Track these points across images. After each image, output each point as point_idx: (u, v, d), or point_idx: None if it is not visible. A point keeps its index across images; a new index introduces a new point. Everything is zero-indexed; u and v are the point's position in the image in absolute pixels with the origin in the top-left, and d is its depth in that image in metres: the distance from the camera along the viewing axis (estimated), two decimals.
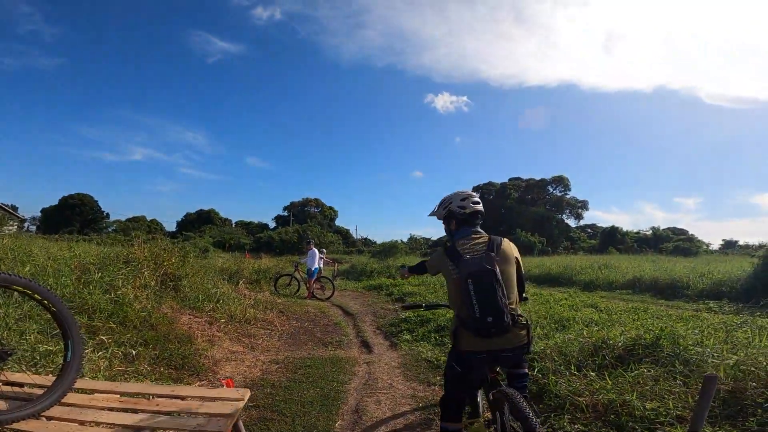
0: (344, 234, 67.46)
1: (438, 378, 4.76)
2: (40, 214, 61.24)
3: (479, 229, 2.58)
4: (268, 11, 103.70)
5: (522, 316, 2.37)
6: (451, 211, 2.63)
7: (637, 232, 54.66)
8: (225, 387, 3.41)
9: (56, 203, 60.44)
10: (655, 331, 4.48)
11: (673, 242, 44.49)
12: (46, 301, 2.26)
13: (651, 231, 52.68)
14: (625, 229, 54.08)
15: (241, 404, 2.58)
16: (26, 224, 51.53)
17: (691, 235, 51.28)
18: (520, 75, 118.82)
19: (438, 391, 4.38)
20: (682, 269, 14.66)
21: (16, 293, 3.67)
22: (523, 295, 2.64)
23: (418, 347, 6.16)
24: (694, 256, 30.56)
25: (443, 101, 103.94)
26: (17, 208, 50.20)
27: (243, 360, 5.19)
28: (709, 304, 10.36)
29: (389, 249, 28.45)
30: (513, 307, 2.34)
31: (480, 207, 2.62)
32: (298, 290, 12.70)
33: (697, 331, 4.72)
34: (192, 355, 4.63)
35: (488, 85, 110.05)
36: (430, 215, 2.85)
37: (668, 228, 54.43)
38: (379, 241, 47.38)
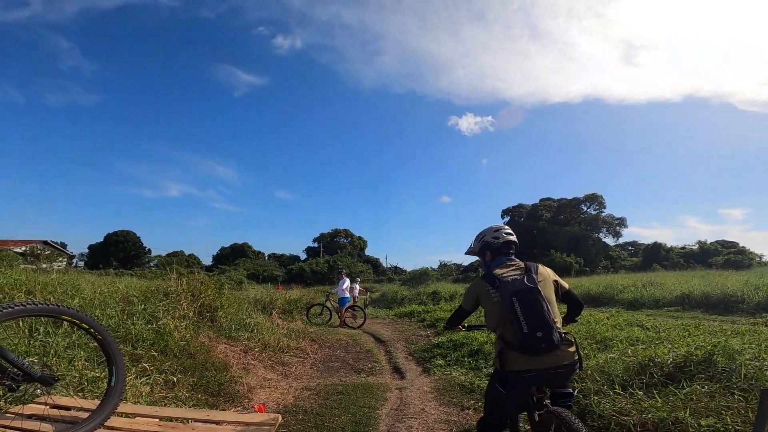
0: (374, 263, 67.46)
1: (473, 402, 4.60)
2: (87, 251, 64.67)
3: (514, 258, 2.67)
4: (288, 40, 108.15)
5: (569, 333, 2.39)
6: (486, 243, 2.74)
7: (683, 247, 51.82)
8: (257, 412, 3.46)
9: (102, 240, 63.82)
10: (708, 346, 4.20)
11: (723, 255, 41.77)
12: (92, 330, 2.40)
13: (697, 245, 49.78)
14: (669, 245, 51.47)
15: (273, 429, 2.62)
16: (75, 260, 54.63)
17: (742, 247, 47.99)
18: (542, 92, 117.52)
19: (473, 415, 4.23)
20: (734, 283, 13.69)
21: (65, 323, 3.93)
22: (576, 318, 2.72)
23: (452, 372, 6.00)
24: (747, 269, 28.49)
25: (468, 123, 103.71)
26: (66, 245, 53.55)
27: (276, 387, 5.22)
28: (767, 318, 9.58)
29: (420, 276, 28.25)
30: (558, 326, 2.36)
31: (513, 238, 2.72)
32: (329, 319, 12.73)
33: (753, 345, 4.38)
34: (228, 382, 4.72)
35: (509, 105, 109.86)
36: (467, 253, 2.92)
37: (716, 241, 51.16)
38: (409, 269, 47.08)
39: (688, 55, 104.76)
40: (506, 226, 2.79)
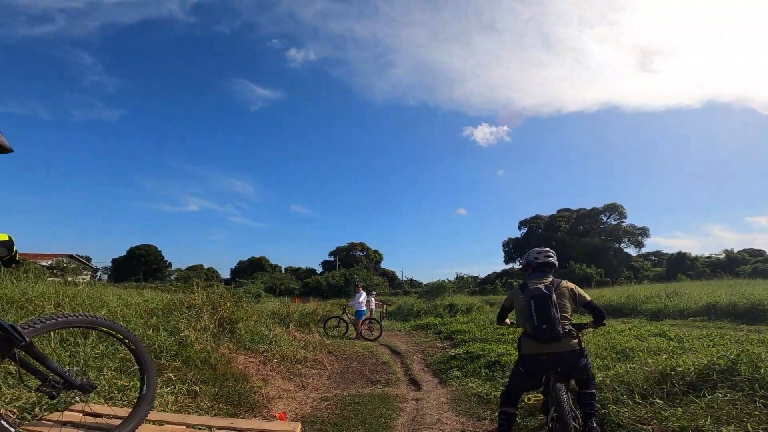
0: (390, 276, 67.26)
1: (489, 413, 4.61)
2: (110, 264, 66.09)
3: (548, 275, 3.43)
4: (302, 53, 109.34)
5: (574, 330, 3.19)
6: (528, 261, 3.56)
7: (709, 257, 50.26)
8: (278, 420, 3.55)
9: (125, 254, 65.10)
10: (731, 355, 4.12)
11: (750, 264, 40.30)
12: (126, 340, 2.55)
13: (724, 254, 48.14)
14: (694, 254, 49.99)
15: None
16: (99, 273, 55.92)
17: None
18: (557, 102, 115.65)
19: (489, 425, 4.25)
20: (762, 292, 13.21)
21: (95, 333, 4.12)
22: (601, 322, 3.45)
23: (468, 383, 5.98)
24: None
25: (483, 133, 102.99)
26: (90, 258, 54.98)
27: (294, 397, 5.30)
28: None
29: (436, 289, 28.09)
30: (566, 324, 3.17)
31: (551, 260, 3.48)
32: (346, 331, 12.78)
33: None
34: (247, 393, 4.82)
35: (524, 116, 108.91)
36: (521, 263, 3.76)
37: (744, 250, 49.41)
38: (425, 282, 46.72)
39: (705, 60, 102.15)
40: (549, 250, 3.55)
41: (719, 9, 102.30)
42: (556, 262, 3.50)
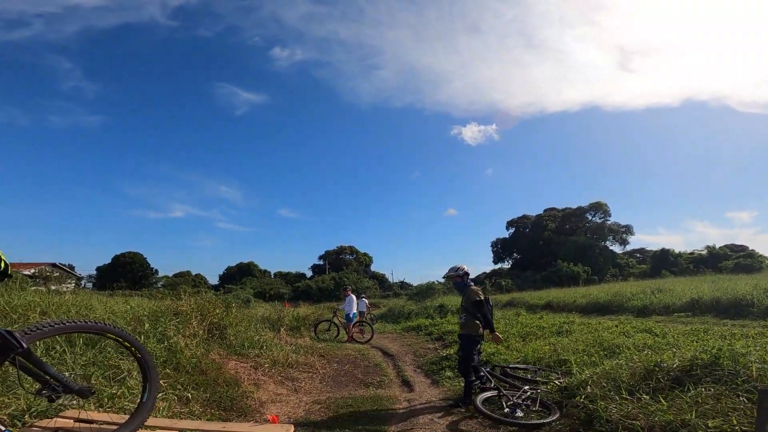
0: (380, 279, 67.18)
1: None
2: (95, 272, 64.64)
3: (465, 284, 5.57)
4: (285, 52, 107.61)
5: (468, 321, 5.28)
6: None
7: (691, 253, 51.39)
8: (270, 422, 3.54)
9: (109, 261, 63.85)
10: (713, 350, 4.24)
11: (732, 259, 41.38)
12: (133, 348, 2.53)
13: (706, 250, 49.29)
14: (677, 251, 51.07)
15: None
16: (83, 282, 54.68)
17: (752, 250, 47.49)
18: (540, 102, 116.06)
19: (481, 420, 4.28)
20: (744, 287, 13.55)
21: (81, 340, 4.05)
22: (477, 315, 5.25)
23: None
24: (758, 272, 28.21)
25: (471, 131, 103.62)
26: (74, 267, 53.79)
27: (287, 401, 5.28)
28: None
29: (426, 290, 28.22)
30: (463, 320, 5.38)
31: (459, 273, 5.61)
32: (337, 335, 12.75)
33: (758, 348, 4.41)
34: (239, 398, 4.79)
35: (508, 116, 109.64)
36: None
37: (725, 245, 50.67)
38: (416, 283, 46.82)
39: (682, 59, 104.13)
40: (454, 267, 5.63)
41: (696, 9, 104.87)
42: (461, 277, 5.50)
